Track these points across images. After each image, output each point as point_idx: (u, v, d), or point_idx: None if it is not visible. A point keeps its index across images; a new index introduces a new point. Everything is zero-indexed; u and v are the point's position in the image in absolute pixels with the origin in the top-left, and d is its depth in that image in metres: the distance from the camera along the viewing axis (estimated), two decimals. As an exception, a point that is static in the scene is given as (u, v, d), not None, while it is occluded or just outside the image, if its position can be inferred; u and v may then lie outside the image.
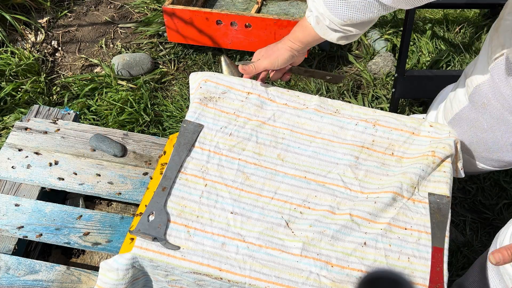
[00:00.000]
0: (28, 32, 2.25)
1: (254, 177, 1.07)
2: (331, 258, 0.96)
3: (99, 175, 1.33)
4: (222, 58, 1.31)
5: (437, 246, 0.98)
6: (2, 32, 2.15)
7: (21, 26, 2.24)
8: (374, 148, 1.14)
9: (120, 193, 1.30)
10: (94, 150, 1.39)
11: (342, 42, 1.09)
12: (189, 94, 1.86)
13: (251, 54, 2.22)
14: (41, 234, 1.22)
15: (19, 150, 1.37)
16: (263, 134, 1.14)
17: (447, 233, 1.00)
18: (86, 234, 1.23)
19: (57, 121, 1.45)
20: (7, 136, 1.43)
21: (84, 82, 2.08)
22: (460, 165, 1.17)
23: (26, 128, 1.42)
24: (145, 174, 1.35)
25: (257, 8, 2.31)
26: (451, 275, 1.48)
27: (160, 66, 2.21)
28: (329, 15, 1.00)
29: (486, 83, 1.10)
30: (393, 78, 2.13)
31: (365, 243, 0.99)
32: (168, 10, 2.08)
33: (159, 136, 1.89)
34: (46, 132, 1.41)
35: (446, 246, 0.98)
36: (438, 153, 1.10)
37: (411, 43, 2.33)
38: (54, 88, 2.07)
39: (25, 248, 1.29)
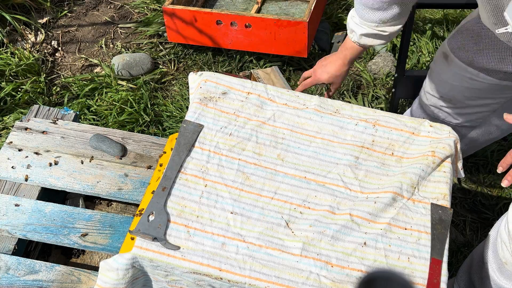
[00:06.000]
0: (28, 32, 2.25)
1: (254, 177, 1.07)
2: (331, 258, 0.96)
3: (99, 175, 1.33)
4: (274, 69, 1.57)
5: (436, 258, 0.97)
6: (2, 32, 2.15)
7: (21, 26, 2.24)
8: (374, 148, 1.14)
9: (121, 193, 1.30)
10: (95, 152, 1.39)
11: (382, 43, 1.29)
12: (189, 94, 1.87)
13: (251, 54, 2.22)
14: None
15: (19, 150, 1.37)
16: (263, 134, 1.14)
17: (447, 246, 0.99)
18: (85, 234, 1.23)
19: (57, 121, 1.45)
20: (7, 136, 1.43)
21: (84, 82, 2.08)
22: (460, 165, 1.17)
23: (26, 128, 1.42)
24: (126, 175, 1.35)
25: (257, 8, 2.31)
26: (451, 275, 1.48)
27: (160, 66, 2.21)
28: (364, 22, 1.22)
29: None
30: (393, 78, 2.13)
31: (365, 243, 0.99)
32: (168, 10, 2.08)
33: (159, 136, 1.89)
34: (46, 132, 1.41)
35: (445, 259, 0.98)
36: (438, 153, 1.10)
37: (411, 43, 2.33)
38: (54, 88, 2.07)
39: (25, 248, 1.29)
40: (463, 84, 1.33)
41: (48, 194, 1.36)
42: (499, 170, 0.97)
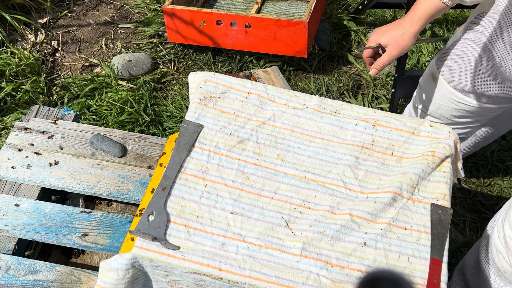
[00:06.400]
0: (28, 32, 2.25)
1: (254, 177, 1.07)
2: (331, 258, 0.96)
3: (99, 175, 1.34)
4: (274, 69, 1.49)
5: (436, 257, 0.97)
6: (2, 32, 2.15)
7: (21, 26, 2.24)
8: (374, 148, 1.14)
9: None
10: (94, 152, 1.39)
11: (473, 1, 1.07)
12: (189, 94, 1.87)
13: (251, 54, 2.22)
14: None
15: (19, 150, 1.37)
16: (263, 134, 1.14)
17: (447, 246, 0.99)
18: (85, 235, 1.23)
19: (57, 121, 1.45)
20: (7, 136, 1.43)
21: (84, 82, 2.08)
22: (460, 165, 1.17)
23: (26, 128, 1.42)
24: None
25: (257, 8, 2.31)
26: (450, 276, 1.48)
27: (160, 66, 2.21)
28: None
29: (487, 12, 1.11)
30: (393, 78, 2.13)
31: (365, 243, 0.99)
32: (168, 10, 2.08)
33: (159, 136, 1.89)
34: (46, 132, 1.41)
35: (445, 259, 0.98)
36: (438, 153, 1.10)
37: (411, 43, 2.32)
38: (54, 88, 2.07)
39: (25, 248, 1.29)
40: (450, 105, 1.33)
41: (48, 194, 1.36)
42: None
